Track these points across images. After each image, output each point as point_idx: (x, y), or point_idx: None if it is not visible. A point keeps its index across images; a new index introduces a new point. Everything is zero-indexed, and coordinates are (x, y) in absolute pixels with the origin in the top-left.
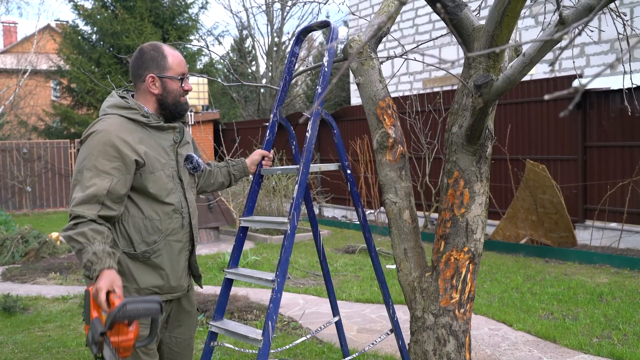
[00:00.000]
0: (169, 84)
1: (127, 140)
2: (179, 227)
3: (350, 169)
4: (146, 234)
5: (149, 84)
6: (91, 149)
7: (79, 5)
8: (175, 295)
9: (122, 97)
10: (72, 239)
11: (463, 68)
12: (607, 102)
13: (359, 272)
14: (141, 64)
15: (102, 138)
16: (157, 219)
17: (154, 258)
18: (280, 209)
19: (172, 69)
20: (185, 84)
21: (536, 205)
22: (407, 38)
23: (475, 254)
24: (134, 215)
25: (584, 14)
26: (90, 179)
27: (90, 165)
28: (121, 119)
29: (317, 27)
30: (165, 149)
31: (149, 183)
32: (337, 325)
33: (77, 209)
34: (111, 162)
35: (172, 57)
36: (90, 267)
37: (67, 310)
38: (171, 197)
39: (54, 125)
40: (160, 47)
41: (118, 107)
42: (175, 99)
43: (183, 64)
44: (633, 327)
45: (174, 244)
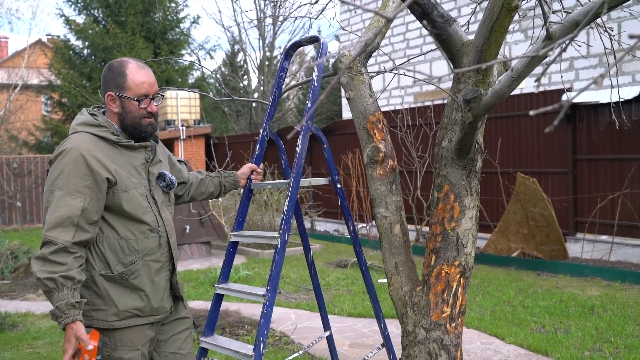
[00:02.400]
0: (127, 105)
1: (97, 157)
2: (156, 246)
3: (340, 183)
4: (122, 255)
5: (108, 102)
6: (61, 168)
7: (70, 20)
8: (157, 318)
9: (92, 114)
10: (40, 281)
11: (452, 83)
12: (596, 116)
13: (351, 287)
14: (105, 80)
15: (72, 156)
16: (133, 239)
17: (132, 279)
18: (272, 223)
19: (131, 90)
20: (149, 106)
21: (527, 218)
22: (398, 52)
23: (466, 267)
24: (108, 236)
25: (570, 30)
26: (61, 198)
27: (61, 184)
28: (91, 136)
29: (307, 43)
30: (137, 168)
31: (123, 202)
32: (329, 339)
33: (50, 233)
34: (83, 181)
35: (132, 76)
36: (54, 317)
37: (57, 327)
38: (147, 216)
39: (44, 140)
40: (125, 64)
41: (87, 124)
42: (133, 121)
43: (146, 84)
44: (624, 339)
45: (152, 264)
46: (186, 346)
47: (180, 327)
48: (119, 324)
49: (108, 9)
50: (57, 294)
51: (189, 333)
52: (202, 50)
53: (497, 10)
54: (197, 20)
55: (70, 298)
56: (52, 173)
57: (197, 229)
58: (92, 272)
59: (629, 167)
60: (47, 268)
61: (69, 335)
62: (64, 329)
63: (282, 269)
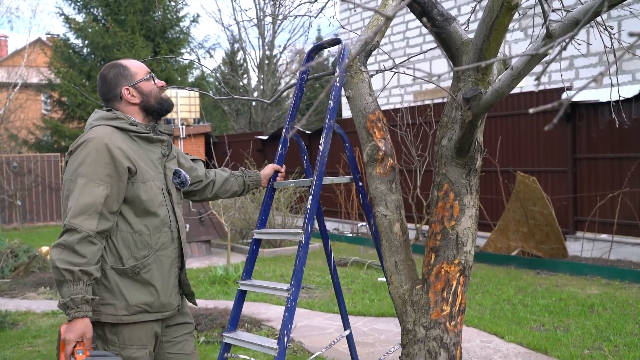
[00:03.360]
0: (143, 88)
1: (119, 146)
2: (169, 241)
3: (362, 181)
4: (135, 249)
5: (126, 96)
6: (84, 156)
7: (70, 19)
8: (165, 314)
9: (107, 110)
10: (57, 270)
11: (452, 81)
12: (596, 115)
13: (351, 285)
14: (109, 86)
15: (94, 145)
16: (147, 234)
17: (144, 273)
18: (271, 222)
19: (138, 74)
20: (157, 81)
21: (527, 217)
22: (398, 51)
23: (465, 266)
24: (122, 230)
25: (570, 28)
26: (85, 186)
27: (84, 172)
28: (111, 128)
29: (328, 45)
30: (154, 162)
31: (142, 193)
32: (349, 339)
33: (75, 220)
34: (105, 169)
35: (131, 64)
36: (63, 307)
37: (57, 325)
38: (161, 210)
39: (44, 139)
40: (116, 62)
41: (105, 118)
42: (156, 98)
43: (144, 66)
44: (624, 338)
45: (163, 259)
46: (189, 347)
47: (183, 330)
48: (128, 318)
49: (108, 8)
50: (71, 287)
51: (190, 335)
52: (202, 49)
53: (497, 9)
54: (196, 19)
55: (85, 293)
56: (74, 162)
57: (197, 228)
58: (104, 266)
59: (629, 166)
60: (66, 258)
61: (76, 327)
62: (69, 321)
63: (305, 263)
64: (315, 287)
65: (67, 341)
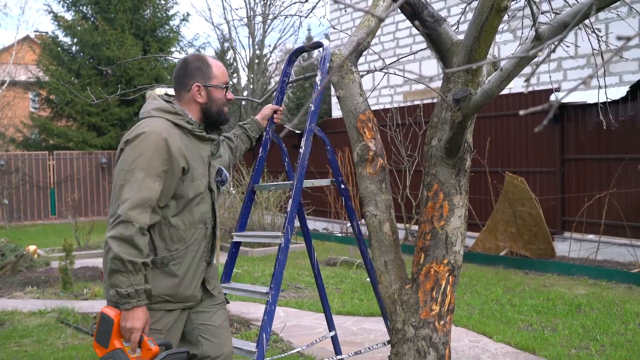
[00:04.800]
0: (214, 93)
1: (177, 144)
2: (202, 237)
3: (344, 183)
4: (170, 242)
5: (194, 92)
6: (143, 149)
7: (59, 17)
8: (187, 305)
9: (167, 101)
10: (121, 261)
11: (442, 82)
12: (584, 116)
13: (340, 285)
14: (186, 73)
15: (153, 139)
16: (183, 229)
17: (172, 265)
18: (261, 222)
19: (217, 78)
20: (228, 94)
21: (515, 217)
22: (388, 51)
23: (455, 266)
24: (160, 223)
25: (559, 31)
26: (143, 180)
27: (144, 166)
28: (168, 122)
29: (310, 48)
30: (203, 159)
31: (190, 190)
32: (333, 340)
33: (131, 212)
34: (162, 165)
35: (216, 67)
36: (125, 298)
37: (44, 325)
38: (202, 207)
39: (32, 137)
40: (205, 57)
41: (164, 110)
42: (219, 108)
43: (226, 74)
44: (610, 337)
45: (194, 254)
46: (218, 319)
47: (212, 302)
48: (150, 307)
49: (97, 6)
50: (131, 277)
51: (220, 307)
52: (192, 47)
53: (487, 11)
54: (186, 17)
55: (144, 284)
56: (132, 153)
57: None
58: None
59: (616, 167)
60: (127, 250)
61: (139, 315)
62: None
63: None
64: (304, 286)
65: (135, 329)
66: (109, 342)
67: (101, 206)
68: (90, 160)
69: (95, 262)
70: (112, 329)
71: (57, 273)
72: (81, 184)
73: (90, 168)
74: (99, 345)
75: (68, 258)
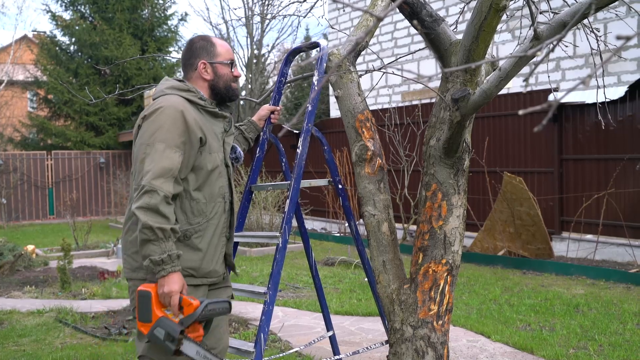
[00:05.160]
0: (219, 69)
1: (193, 116)
2: (222, 211)
3: (342, 183)
4: (191, 216)
5: (200, 70)
6: (161, 122)
7: (57, 16)
8: (210, 281)
9: (179, 80)
10: (150, 229)
11: (441, 82)
12: (582, 116)
13: (338, 285)
14: (192, 53)
15: (171, 113)
16: (203, 202)
17: (195, 238)
18: (260, 222)
19: (222, 55)
20: (235, 70)
21: (513, 217)
22: (386, 51)
23: (453, 265)
24: (181, 196)
25: (558, 31)
26: (164, 151)
27: (163, 137)
28: (182, 99)
29: (307, 48)
30: (217, 135)
31: (208, 163)
32: (331, 340)
33: (155, 182)
34: (181, 137)
35: (220, 45)
36: (159, 265)
37: (43, 324)
38: (220, 181)
39: (30, 137)
40: (208, 37)
41: (177, 88)
42: (226, 83)
43: (230, 51)
44: (608, 337)
45: (214, 228)
46: None
47: (223, 294)
48: None
49: (95, 5)
50: (163, 244)
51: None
52: None
53: (486, 10)
54: (184, 17)
55: (175, 250)
56: (150, 127)
57: None
58: None
59: (614, 167)
60: (155, 218)
61: (176, 279)
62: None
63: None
64: (302, 286)
65: (174, 292)
66: (151, 315)
67: (99, 206)
68: (89, 159)
69: (93, 262)
70: (151, 301)
71: (55, 273)
72: (79, 184)
73: (88, 168)
74: (143, 324)
75: (66, 258)
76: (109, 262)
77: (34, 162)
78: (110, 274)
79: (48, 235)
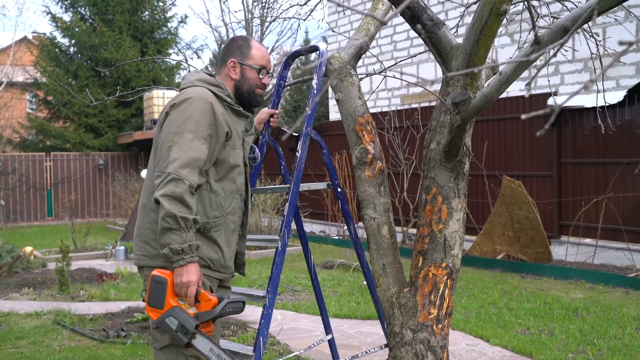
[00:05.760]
0: (247, 72)
1: (220, 110)
2: (238, 207)
3: (341, 186)
4: (210, 208)
5: (229, 68)
6: (191, 112)
7: (57, 18)
8: (222, 276)
9: (209, 74)
10: (174, 217)
11: (441, 86)
12: (581, 120)
13: (337, 288)
14: (228, 50)
15: (200, 104)
16: (222, 196)
17: (213, 232)
18: (258, 224)
19: (254, 59)
20: (264, 78)
21: (512, 221)
22: (385, 55)
23: (453, 269)
24: (202, 188)
25: (558, 35)
26: (191, 141)
27: (192, 128)
28: (210, 92)
29: (306, 52)
30: (238, 134)
31: (231, 157)
32: (330, 343)
33: (182, 171)
34: (208, 129)
35: (256, 49)
36: (179, 254)
37: (41, 327)
38: (240, 178)
39: (29, 138)
40: (249, 39)
41: (206, 82)
42: (250, 88)
43: (266, 58)
44: (607, 342)
45: (230, 224)
46: None
47: (225, 294)
48: None
49: (95, 7)
50: (184, 234)
51: None
52: (190, 49)
53: (486, 15)
54: (184, 19)
55: (195, 241)
56: (179, 116)
57: None
58: None
59: (613, 171)
60: (179, 208)
61: (194, 270)
62: (181, 267)
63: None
64: (301, 289)
65: (192, 283)
66: (165, 302)
67: (98, 208)
68: (87, 161)
69: (91, 264)
70: (167, 288)
71: (53, 274)
72: (78, 186)
73: (87, 169)
74: (152, 309)
75: (65, 259)
76: (107, 264)
77: (33, 163)
78: (109, 276)
79: (46, 236)
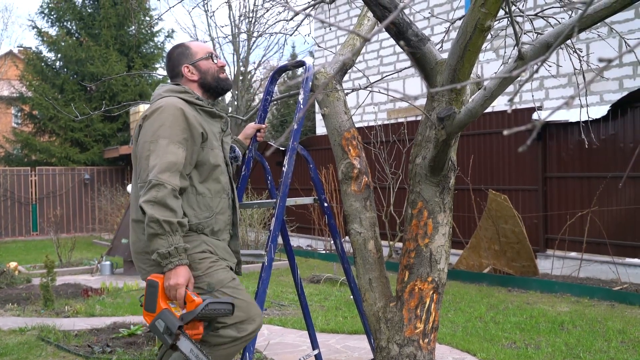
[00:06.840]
0: (202, 66)
1: (192, 114)
2: (226, 207)
3: (327, 201)
4: (199, 210)
5: (186, 74)
6: (163, 120)
7: (43, 32)
8: (227, 263)
9: (175, 84)
10: (157, 222)
11: (426, 101)
12: (566, 134)
13: (324, 302)
14: (173, 63)
15: (170, 111)
16: (209, 197)
17: (207, 231)
18: (245, 238)
19: (199, 53)
20: (218, 61)
21: (498, 235)
22: (371, 69)
23: (439, 283)
24: (188, 192)
25: (541, 51)
26: (167, 146)
27: (166, 134)
28: (181, 100)
29: (293, 67)
30: (215, 135)
31: (211, 157)
32: (317, 358)
33: (161, 176)
34: (183, 133)
35: (194, 45)
36: (166, 258)
37: (25, 343)
38: (223, 177)
39: (14, 153)
40: (181, 43)
41: (174, 91)
42: (213, 76)
43: (205, 46)
44: (593, 355)
45: (220, 223)
46: None
47: None
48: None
49: (81, 22)
50: (170, 238)
51: None
52: None
53: (471, 31)
54: (171, 34)
55: (182, 243)
56: (152, 125)
57: None
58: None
59: (598, 185)
60: (162, 212)
61: (182, 273)
62: (171, 270)
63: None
64: (288, 304)
65: (179, 285)
66: (156, 306)
67: (83, 222)
68: (73, 176)
69: (77, 279)
70: (158, 291)
71: (38, 290)
72: (63, 200)
73: (72, 184)
74: (148, 313)
75: (49, 275)
76: (92, 280)
77: (18, 178)
78: (94, 292)
79: (31, 252)
